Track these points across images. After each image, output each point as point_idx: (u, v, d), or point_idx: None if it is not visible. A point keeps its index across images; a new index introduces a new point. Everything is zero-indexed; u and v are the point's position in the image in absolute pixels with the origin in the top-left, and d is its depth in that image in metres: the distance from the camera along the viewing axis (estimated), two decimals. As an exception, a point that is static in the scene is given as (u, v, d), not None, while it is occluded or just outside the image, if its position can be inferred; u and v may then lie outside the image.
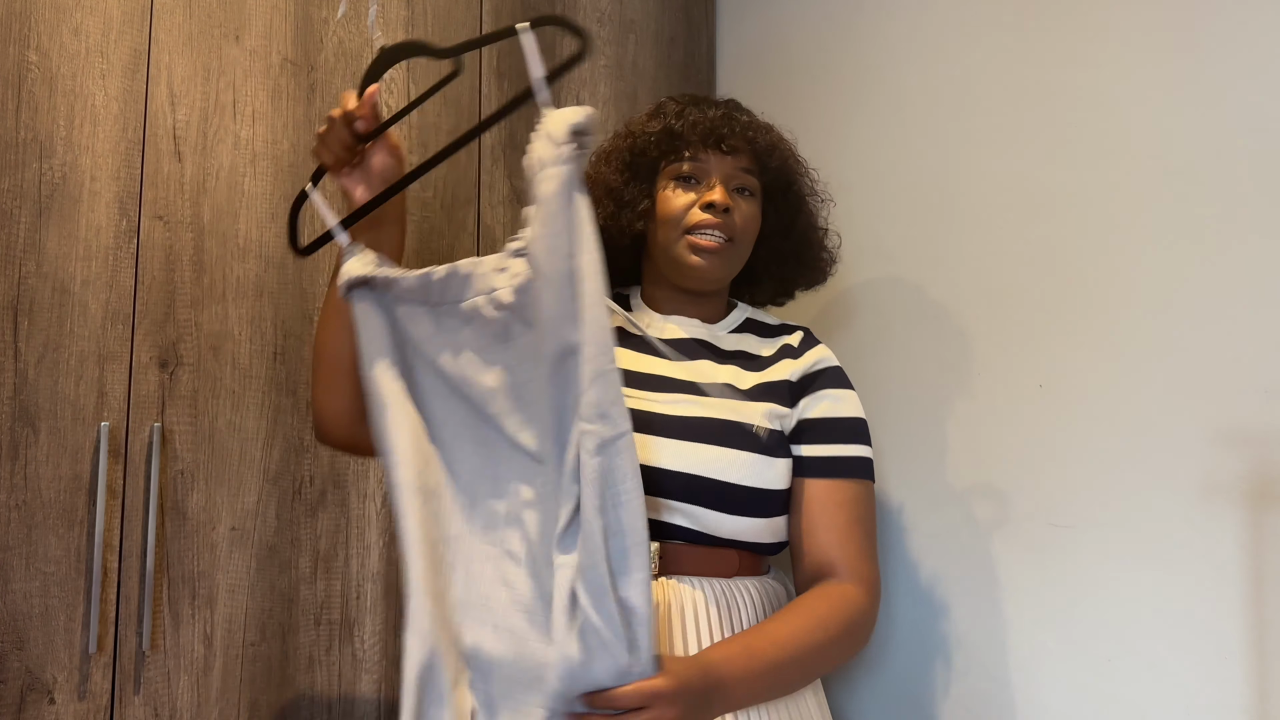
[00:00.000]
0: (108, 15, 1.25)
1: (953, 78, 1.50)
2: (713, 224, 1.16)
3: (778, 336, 1.25)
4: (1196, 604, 1.18)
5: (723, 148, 1.18)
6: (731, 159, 1.19)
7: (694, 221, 1.17)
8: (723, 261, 1.18)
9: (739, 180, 1.19)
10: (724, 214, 1.16)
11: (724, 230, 1.17)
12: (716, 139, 1.18)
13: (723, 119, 1.18)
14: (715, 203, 1.15)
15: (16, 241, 1.18)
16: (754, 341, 1.24)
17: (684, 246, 1.17)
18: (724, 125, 1.18)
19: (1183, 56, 1.25)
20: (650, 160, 1.21)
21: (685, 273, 1.19)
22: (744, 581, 1.14)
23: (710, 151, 1.18)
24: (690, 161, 1.19)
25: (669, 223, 1.18)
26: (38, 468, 1.17)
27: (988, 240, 1.43)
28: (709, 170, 1.18)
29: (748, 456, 1.11)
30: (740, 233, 1.19)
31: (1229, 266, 1.19)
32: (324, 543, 1.37)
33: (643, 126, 1.23)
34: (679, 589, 1.09)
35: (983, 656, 1.38)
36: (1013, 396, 1.38)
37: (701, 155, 1.18)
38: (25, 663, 1.15)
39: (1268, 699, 1.12)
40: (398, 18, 1.49)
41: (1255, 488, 1.15)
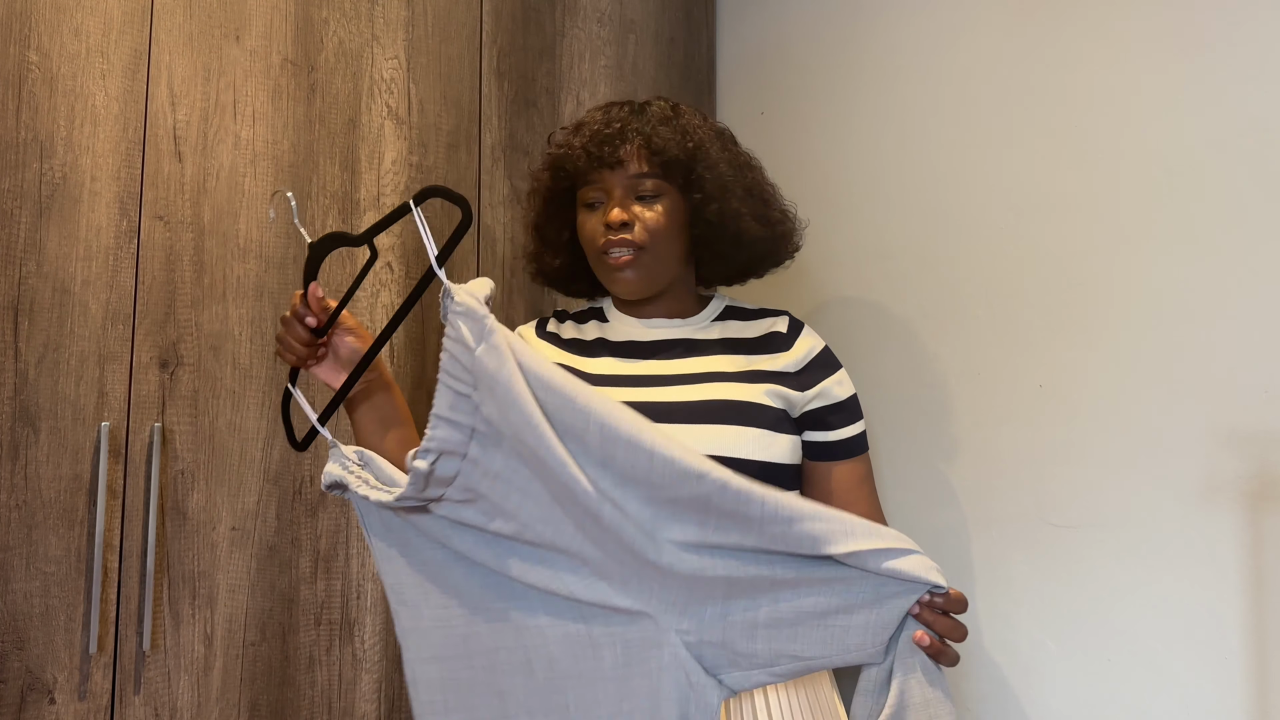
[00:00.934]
0: (108, 15, 1.25)
1: (953, 78, 1.50)
2: (616, 241, 1.18)
3: (760, 319, 1.26)
4: (1196, 604, 1.18)
5: (608, 163, 1.19)
6: (621, 170, 1.19)
7: (602, 244, 1.19)
8: (640, 271, 1.19)
9: (637, 188, 1.19)
10: (622, 228, 1.18)
11: (628, 245, 1.18)
12: (598, 159, 1.19)
13: (597, 135, 1.19)
14: (610, 222, 1.17)
15: (17, 241, 1.18)
16: (737, 326, 1.25)
17: (604, 269, 1.20)
18: (598, 139, 1.19)
19: (1183, 57, 1.25)
20: (562, 193, 1.24)
21: (616, 290, 1.21)
22: None
23: (601, 170, 1.19)
24: (589, 186, 1.21)
25: (587, 249, 1.22)
26: (38, 468, 1.17)
27: (988, 241, 1.43)
28: (608, 188, 1.20)
29: (753, 432, 1.13)
30: (649, 238, 1.18)
31: (1229, 267, 1.19)
32: (324, 543, 1.37)
33: (543, 162, 1.27)
34: None
35: (983, 656, 1.38)
36: (1013, 396, 1.38)
37: (594, 176, 1.20)
38: (25, 663, 1.15)
39: (1268, 699, 1.12)
40: (398, 18, 1.49)
41: (1255, 488, 1.15)
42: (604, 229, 1.18)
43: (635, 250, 1.18)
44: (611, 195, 1.19)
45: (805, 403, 1.20)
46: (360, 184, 1.44)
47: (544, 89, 1.65)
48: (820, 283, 1.67)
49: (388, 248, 1.45)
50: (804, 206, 1.71)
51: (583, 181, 1.20)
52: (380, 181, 1.45)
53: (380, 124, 1.46)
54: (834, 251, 1.65)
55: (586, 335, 1.26)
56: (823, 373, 1.21)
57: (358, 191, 1.43)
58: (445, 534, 1.01)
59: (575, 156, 1.19)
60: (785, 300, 1.73)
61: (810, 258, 1.69)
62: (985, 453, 1.41)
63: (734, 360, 1.20)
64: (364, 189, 1.44)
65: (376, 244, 1.42)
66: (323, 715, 1.35)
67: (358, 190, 1.43)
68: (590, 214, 1.21)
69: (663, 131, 1.19)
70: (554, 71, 1.66)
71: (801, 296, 1.70)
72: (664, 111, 1.22)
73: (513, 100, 1.61)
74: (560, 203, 1.26)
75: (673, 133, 1.19)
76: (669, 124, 1.20)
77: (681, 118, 1.22)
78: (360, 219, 1.43)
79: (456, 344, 0.92)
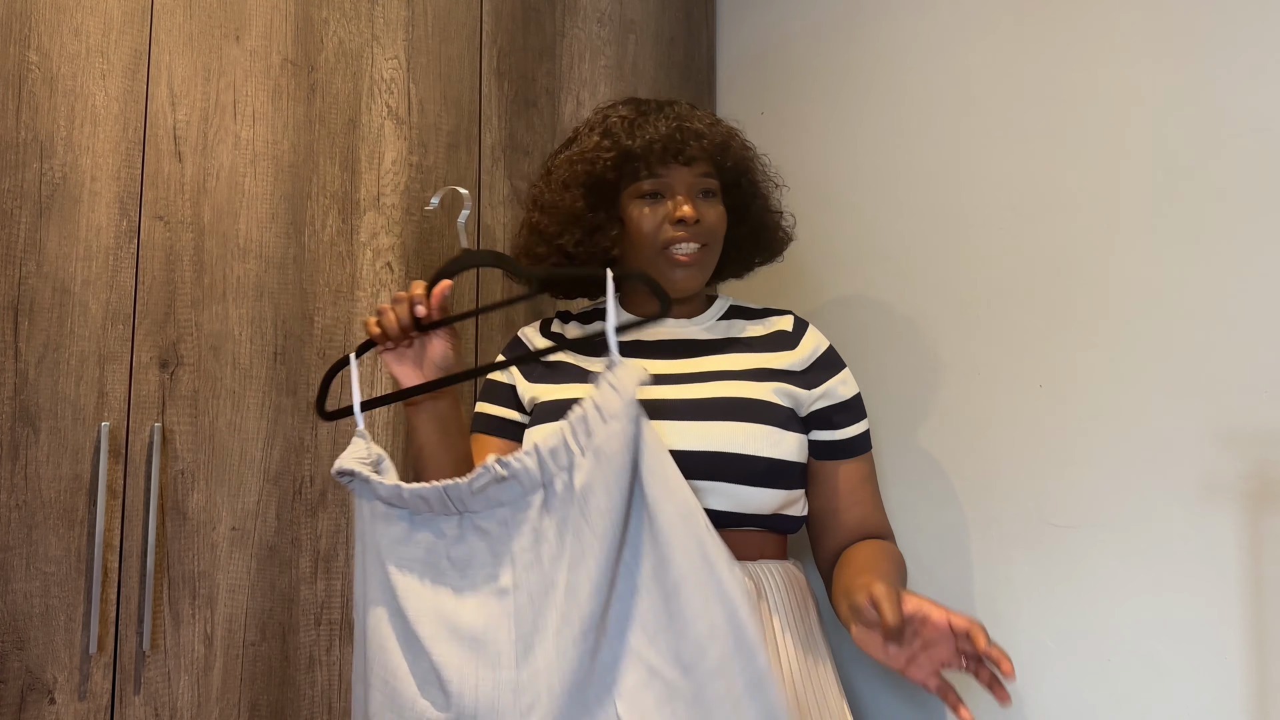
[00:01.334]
0: (108, 15, 1.25)
1: (953, 78, 1.50)
2: (687, 238, 1.19)
3: (766, 318, 1.28)
4: (1196, 604, 1.18)
5: (680, 160, 1.19)
6: (690, 168, 1.20)
7: (669, 238, 1.19)
8: (703, 270, 1.22)
9: (701, 185, 1.21)
10: (695, 225, 1.19)
11: (697, 239, 1.20)
12: (674, 153, 1.19)
13: (676, 130, 1.19)
14: (686, 217, 1.18)
15: (17, 241, 1.18)
16: (742, 325, 1.27)
17: (664, 263, 1.20)
18: (678, 137, 1.19)
19: (1183, 57, 1.25)
20: (610, 182, 1.22)
21: (670, 287, 1.22)
22: (769, 565, 1.17)
23: (670, 165, 1.20)
24: (652, 179, 1.20)
25: (645, 243, 1.20)
26: (38, 468, 1.17)
27: (988, 240, 1.43)
28: (672, 184, 1.20)
29: (762, 429, 1.14)
30: (712, 236, 1.22)
31: (1229, 266, 1.19)
32: (324, 543, 1.37)
33: (595, 149, 1.22)
34: None
35: (983, 656, 1.38)
36: (1013, 396, 1.38)
37: (661, 171, 1.20)
38: (25, 663, 1.15)
39: (1267, 699, 1.12)
40: (398, 18, 1.49)
41: (1255, 488, 1.15)
42: (672, 224, 1.19)
43: (700, 248, 1.20)
44: (675, 191, 1.20)
45: (812, 402, 1.21)
46: (360, 184, 1.44)
47: (544, 89, 1.65)
48: (820, 282, 1.67)
49: (388, 248, 1.45)
50: (804, 206, 1.71)
51: (646, 174, 1.20)
52: (380, 181, 1.45)
53: (380, 124, 1.46)
54: (834, 251, 1.65)
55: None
56: (828, 372, 1.23)
57: (358, 191, 1.43)
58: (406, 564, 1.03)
59: (652, 148, 1.19)
60: (787, 299, 1.73)
61: (811, 257, 1.69)
62: (985, 453, 1.41)
63: (741, 358, 1.21)
64: (364, 189, 1.44)
65: (377, 244, 1.42)
66: (323, 715, 1.35)
67: (358, 190, 1.43)
68: (649, 207, 1.20)
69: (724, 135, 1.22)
70: (554, 71, 1.66)
71: (802, 296, 1.70)
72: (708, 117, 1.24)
73: (513, 100, 1.61)
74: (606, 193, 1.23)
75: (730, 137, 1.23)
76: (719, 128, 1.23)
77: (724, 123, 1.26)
78: (360, 219, 1.43)
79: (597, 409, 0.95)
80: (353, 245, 1.42)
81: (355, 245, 1.43)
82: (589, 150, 1.22)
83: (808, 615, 1.17)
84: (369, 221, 1.44)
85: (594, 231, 1.23)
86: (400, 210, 1.47)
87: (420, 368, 1.14)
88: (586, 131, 1.25)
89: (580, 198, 1.22)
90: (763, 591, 1.13)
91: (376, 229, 1.44)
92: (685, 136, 1.19)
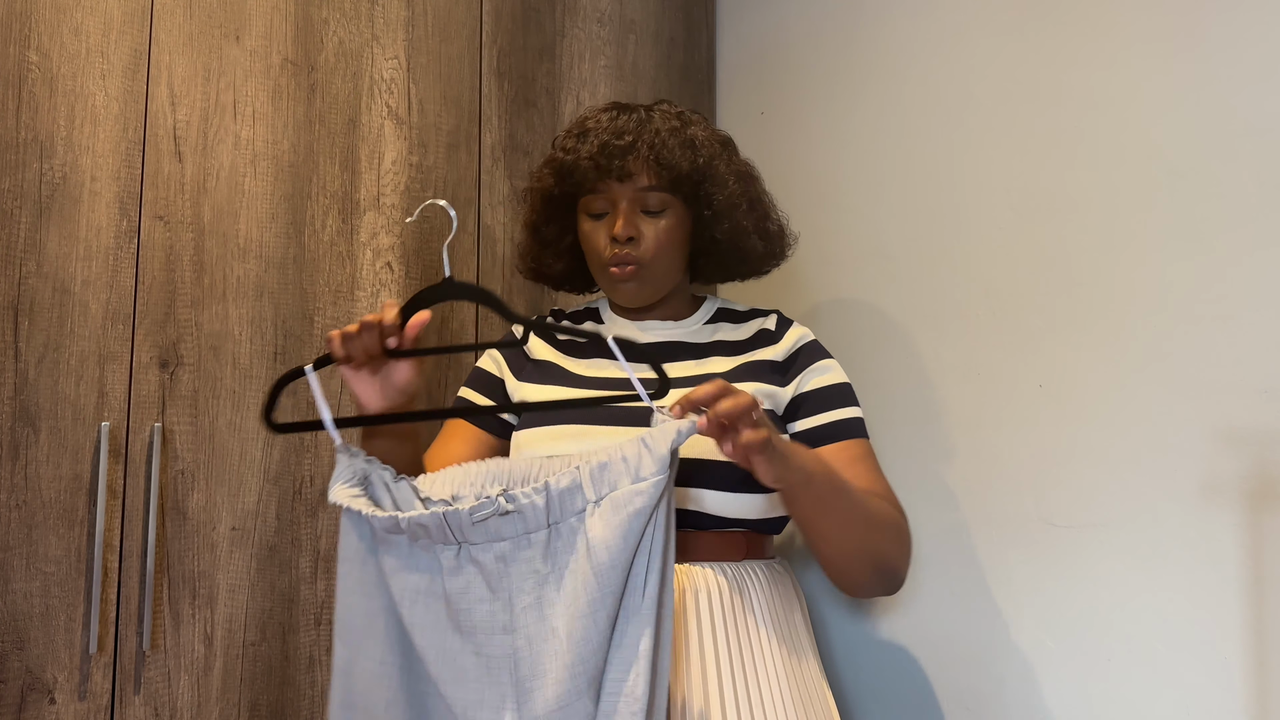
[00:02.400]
0: (108, 15, 1.25)
1: (953, 78, 1.50)
2: (620, 257, 1.17)
3: (750, 320, 1.27)
4: (1196, 604, 1.18)
5: (615, 175, 1.17)
6: (630, 183, 1.17)
7: (609, 256, 1.18)
8: (642, 285, 1.19)
9: (643, 201, 1.18)
10: (628, 243, 1.17)
11: (631, 260, 1.17)
12: (605, 169, 1.17)
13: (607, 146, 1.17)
14: (616, 236, 1.16)
15: (17, 241, 1.18)
16: (728, 329, 1.26)
17: (607, 280, 1.20)
18: (608, 151, 1.16)
19: (1183, 58, 1.25)
20: (562, 196, 1.23)
21: (617, 299, 1.21)
22: (753, 565, 1.16)
23: (608, 181, 1.18)
24: (594, 195, 1.19)
25: (591, 259, 1.21)
26: (38, 468, 1.17)
27: (988, 240, 1.43)
28: (614, 199, 1.18)
29: None
30: (652, 254, 1.18)
31: (1229, 267, 1.19)
32: (324, 543, 1.37)
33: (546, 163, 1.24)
34: (692, 573, 1.11)
35: (983, 656, 1.38)
36: (1013, 396, 1.38)
37: (601, 186, 1.18)
38: (25, 663, 1.15)
39: (1268, 699, 1.12)
40: (398, 18, 1.49)
41: (1255, 488, 1.15)
42: (609, 242, 1.18)
43: (638, 265, 1.18)
44: (617, 207, 1.18)
45: (789, 395, 1.20)
46: (360, 184, 1.44)
47: (544, 89, 1.65)
48: (820, 282, 1.67)
49: (388, 248, 1.45)
50: (803, 207, 1.71)
51: (588, 190, 1.19)
52: (380, 181, 1.45)
53: (380, 124, 1.46)
54: (833, 251, 1.65)
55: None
56: (806, 361, 1.22)
57: (358, 191, 1.43)
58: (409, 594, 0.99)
59: (583, 166, 1.18)
60: (784, 300, 1.73)
61: (809, 258, 1.69)
62: (985, 453, 1.41)
63: (726, 361, 1.21)
64: (364, 189, 1.44)
65: (377, 244, 1.42)
66: (322, 715, 1.35)
67: (358, 190, 1.43)
68: (595, 223, 1.20)
69: (672, 145, 1.18)
70: (554, 71, 1.66)
71: (801, 296, 1.70)
72: (671, 122, 1.20)
73: (513, 100, 1.61)
74: (561, 206, 1.25)
75: (683, 147, 1.18)
76: (678, 135, 1.19)
77: (689, 128, 1.21)
78: (360, 219, 1.43)
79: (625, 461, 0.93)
80: (353, 245, 1.42)
81: (355, 245, 1.43)
82: (544, 164, 1.25)
83: (792, 614, 1.17)
84: (369, 221, 1.44)
85: (546, 245, 1.27)
86: (400, 210, 1.47)
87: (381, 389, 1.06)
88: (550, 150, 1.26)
89: (535, 209, 1.26)
90: (746, 592, 1.13)
91: (376, 229, 1.44)
92: (613, 153, 1.16)
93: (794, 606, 1.18)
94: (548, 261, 1.28)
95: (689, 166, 1.18)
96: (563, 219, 1.25)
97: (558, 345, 1.26)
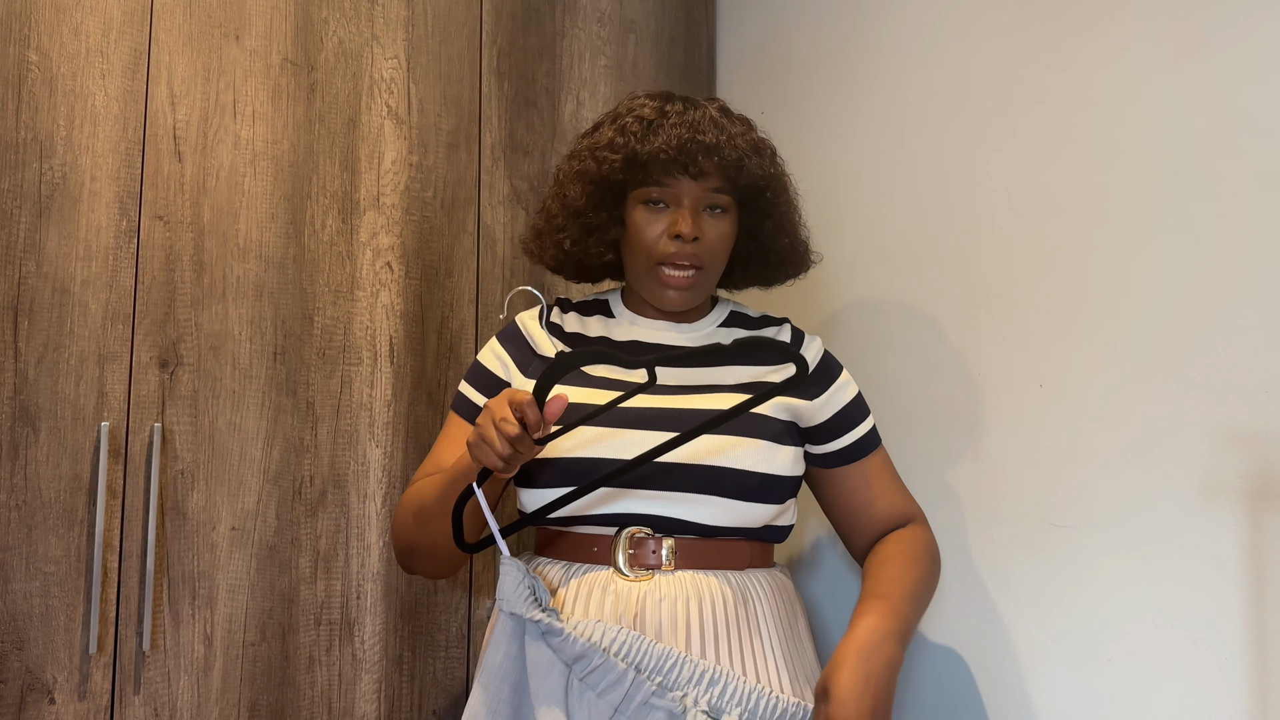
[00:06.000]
0: (108, 15, 1.25)
1: (953, 78, 1.50)
2: (682, 255, 1.14)
3: (763, 328, 1.26)
4: (1196, 604, 1.18)
5: (689, 173, 1.14)
6: (699, 182, 1.15)
7: (664, 253, 1.15)
8: (694, 290, 1.17)
9: (709, 200, 1.16)
10: (693, 243, 1.14)
11: (693, 260, 1.15)
12: (682, 165, 1.13)
13: (689, 142, 1.13)
14: (683, 234, 1.13)
15: (16, 241, 1.18)
16: (741, 335, 1.25)
17: (655, 279, 1.16)
18: (689, 149, 1.13)
19: (1183, 58, 1.25)
20: (616, 183, 1.18)
21: (658, 301, 1.18)
22: (756, 574, 1.16)
23: (678, 176, 1.15)
24: (657, 187, 1.15)
25: (642, 252, 1.17)
26: (38, 468, 1.17)
27: (988, 240, 1.43)
28: (678, 195, 1.15)
29: (756, 444, 1.13)
30: (711, 257, 1.17)
31: (1229, 267, 1.19)
32: (324, 543, 1.37)
33: (606, 147, 1.17)
34: (696, 580, 1.11)
35: (983, 656, 1.38)
36: (1013, 396, 1.38)
37: (669, 180, 1.15)
38: (25, 663, 1.15)
39: (1268, 699, 1.12)
40: (398, 18, 1.49)
41: (1255, 488, 1.15)
42: (670, 239, 1.14)
43: (695, 270, 1.15)
44: (681, 204, 1.15)
45: (814, 413, 1.20)
46: (360, 184, 1.44)
47: (544, 89, 1.65)
48: (820, 283, 1.67)
49: (388, 247, 1.45)
50: (804, 206, 1.71)
51: (652, 181, 1.15)
52: (380, 181, 1.45)
53: (380, 124, 1.46)
54: (834, 251, 1.65)
55: (589, 330, 1.24)
56: (827, 380, 1.22)
57: (358, 191, 1.43)
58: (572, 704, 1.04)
59: (661, 159, 1.13)
60: (785, 300, 1.73)
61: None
62: (985, 453, 1.41)
63: (737, 370, 1.20)
64: (364, 189, 1.44)
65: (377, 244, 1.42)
66: (323, 715, 1.35)
67: (358, 190, 1.43)
68: (652, 214, 1.16)
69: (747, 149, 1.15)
70: (554, 71, 1.66)
71: (801, 296, 1.70)
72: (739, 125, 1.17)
73: (513, 100, 1.61)
74: (615, 192, 1.19)
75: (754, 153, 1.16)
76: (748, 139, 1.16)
77: (752, 133, 1.19)
78: (360, 218, 1.43)
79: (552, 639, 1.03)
80: (352, 245, 1.42)
81: (355, 245, 1.43)
82: (600, 146, 1.17)
83: (795, 623, 1.17)
84: (369, 221, 1.44)
85: (592, 232, 1.20)
86: (400, 210, 1.47)
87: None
88: (608, 122, 1.20)
89: (583, 194, 1.18)
90: (750, 600, 1.13)
91: (376, 229, 1.44)
92: (695, 150, 1.13)
93: (797, 615, 1.18)
94: (595, 250, 1.21)
95: (760, 174, 1.16)
96: (612, 207, 1.19)
97: (566, 341, 1.23)
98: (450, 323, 1.50)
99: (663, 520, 1.11)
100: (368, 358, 1.42)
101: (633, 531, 1.11)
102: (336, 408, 1.39)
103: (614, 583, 1.10)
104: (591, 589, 1.10)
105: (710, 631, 1.09)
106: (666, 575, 1.10)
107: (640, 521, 1.11)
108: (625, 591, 1.09)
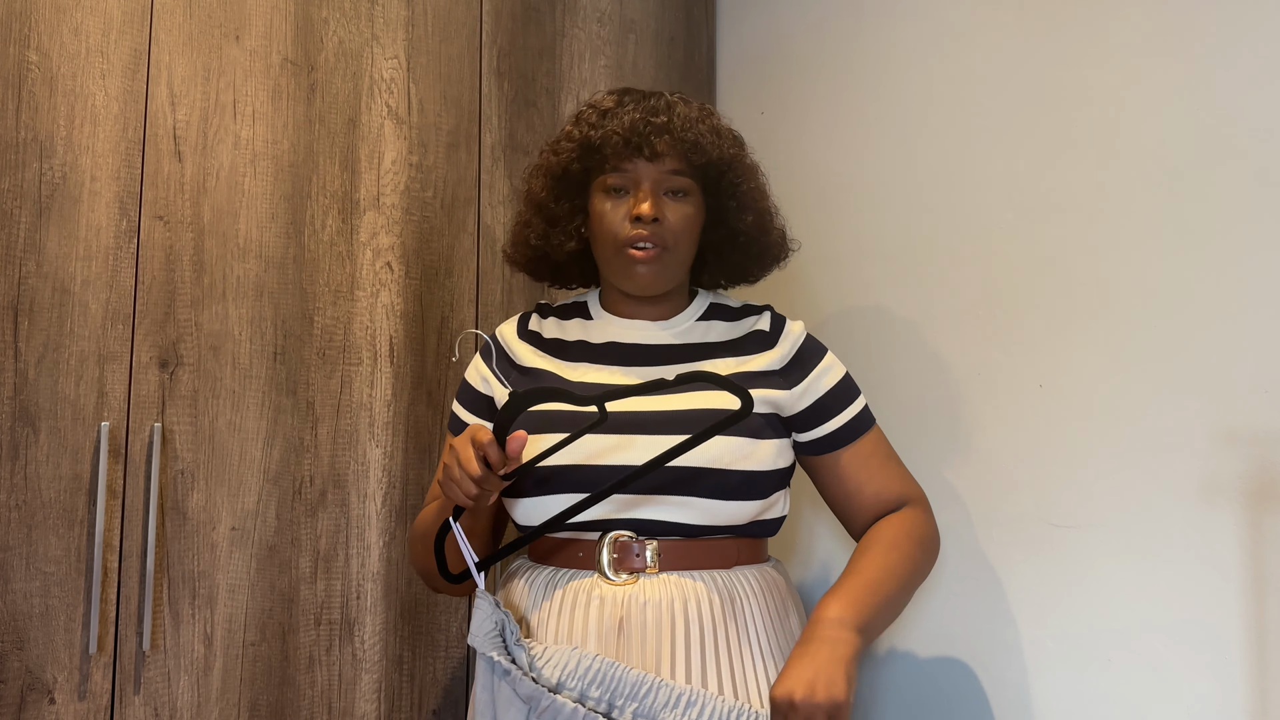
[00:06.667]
0: (108, 15, 1.25)
1: (953, 77, 1.50)
2: (644, 237, 1.14)
3: (744, 318, 1.25)
4: (1196, 604, 1.18)
5: (644, 154, 1.14)
6: (656, 164, 1.15)
7: (627, 235, 1.15)
8: (661, 269, 1.16)
9: (668, 183, 1.16)
10: (653, 224, 1.14)
11: (655, 240, 1.15)
12: (636, 146, 1.14)
13: (640, 124, 1.14)
14: (642, 215, 1.13)
15: (16, 241, 1.18)
16: (721, 328, 1.23)
17: (621, 261, 1.16)
18: (641, 130, 1.14)
19: (1183, 58, 1.25)
20: (576, 174, 1.19)
21: (628, 285, 1.18)
22: (744, 572, 1.15)
23: (634, 159, 1.15)
24: (615, 173, 1.16)
25: (605, 239, 1.17)
26: (38, 468, 1.17)
27: (988, 241, 1.43)
28: (637, 178, 1.16)
29: (735, 441, 1.12)
30: (675, 237, 1.16)
31: (1229, 267, 1.19)
32: (324, 543, 1.37)
33: (565, 139, 1.20)
34: (681, 583, 1.10)
35: (983, 656, 1.38)
36: (1013, 396, 1.38)
37: (626, 165, 1.15)
38: (25, 663, 1.15)
39: (1268, 699, 1.12)
40: (398, 18, 1.49)
41: (1255, 488, 1.15)
42: (630, 221, 1.14)
43: (661, 248, 1.16)
44: (640, 187, 1.15)
45: (794, 401, 1.19)
46: (360, 184, 1.44)
47: (544, 89, 1.65)
48: (820, 283, 1.67)
49: (388, 247, 1.45)
50: (804, 207, 1.71)
51: (610, 167, 1.16)
52: (380, 181, 1.45)
53: (380, 124, 1.46)
54: (834, 251, 1.65)
55: (568, 335, 1.24)
56: (808, 365, 1.20)
57: (357, 191, 1.43)
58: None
59: (613, 141, 1.14)
60: (784, 300, 1.73)
61: (810, 258, 1.69)
62: (985, 453, 1.41)
63: (716, 365, 1.19)
64: (364, 189, 1.44)
65: (377, 244, 1.42)
66: (323, 715, 1.35)
67: (357, 190, 1.43)
68: (612, 201, 1.16)
69: (703, 130, 1.16)
70: (554, 71, 1.66)
71: (801, 296, 1.70)
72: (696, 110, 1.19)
73: (513, 100, 1.61)
74: (575, 184, 1.20)
75: (712, 134, 1.17)
76: (705, 123, 1.17)
77: (712, 118, 1.20)
78: (360, 218, 1.43)
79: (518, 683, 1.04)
80: (353, 245, 1.42)
81: (355, 245, 1.43)
82: (560, 140, 1.20)
83: (787, 619, 1.16)
84: (369, 221, 1.44)
85: (556, 223, 1.22)
86: (400, 210, 1.47)
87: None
88: (571, 120, 1.22)
89: (545, 187, 1.21)
90: (737, 601, 1.11)
91: (376, 229, 1.44)
92: (648, 130, 1.14)
93: (789, 611, 1.17)
94: (558, 240, 1.22)
95: (717, 154, 1.17)
96: (574, 197, 1.21)
97: (544, 348, 1.23)
98: (450, 323, 1.50)
99: (645, 523, 1.11)
100: (368, 358, 1.42)
101: (616, 535, 1.11)
102: (336, 408, 1.39)
103: (599, 588, 1.09)
104: (577, 596, 1.10)
105: (696, 633, 1.08)
106: (651, 578, 1.10)
107: (623, 526, 1.11)
108: (610, 596, 1.09)
